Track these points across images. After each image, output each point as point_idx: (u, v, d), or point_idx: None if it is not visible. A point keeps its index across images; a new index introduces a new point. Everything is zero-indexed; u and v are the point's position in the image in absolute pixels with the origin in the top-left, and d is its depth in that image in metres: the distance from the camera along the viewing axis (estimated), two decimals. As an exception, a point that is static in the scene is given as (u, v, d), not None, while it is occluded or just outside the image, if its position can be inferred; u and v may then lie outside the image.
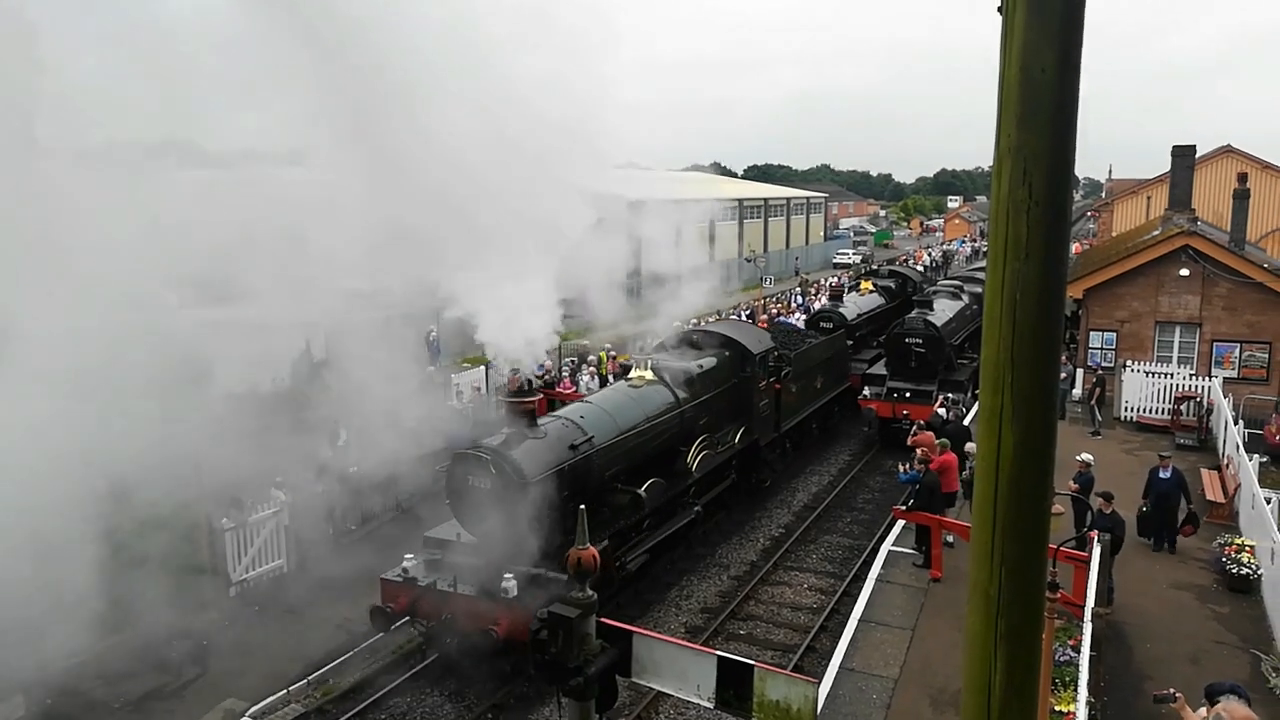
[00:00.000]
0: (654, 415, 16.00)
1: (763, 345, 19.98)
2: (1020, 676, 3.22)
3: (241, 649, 14.17)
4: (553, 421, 14.30)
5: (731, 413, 18.68)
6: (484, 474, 12.78)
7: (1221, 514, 17.65)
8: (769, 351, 20.01)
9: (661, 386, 16.71)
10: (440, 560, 13.34)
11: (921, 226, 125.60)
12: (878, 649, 13.25)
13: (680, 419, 16.71)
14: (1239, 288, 25.12)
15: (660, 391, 16.60)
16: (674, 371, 17.23)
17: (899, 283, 32.88)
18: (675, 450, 16.69)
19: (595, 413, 15.08)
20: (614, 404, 15.68)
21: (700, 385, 17.60)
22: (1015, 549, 3.13)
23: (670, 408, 16.50)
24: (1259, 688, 11.68)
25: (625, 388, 16.55)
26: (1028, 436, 3.05)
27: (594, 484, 14.23)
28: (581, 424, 14.40)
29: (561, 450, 13.66)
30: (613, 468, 14.82)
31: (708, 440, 17.46)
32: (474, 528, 13.04)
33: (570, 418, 14.56)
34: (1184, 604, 14.51)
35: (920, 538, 16.15)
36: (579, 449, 13.91)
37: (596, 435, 14.41)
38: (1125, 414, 24.84)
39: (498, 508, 12.50)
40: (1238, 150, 40.01)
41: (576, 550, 5.58)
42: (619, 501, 14.92)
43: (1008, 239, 2.96)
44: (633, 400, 15.95)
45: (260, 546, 16.28)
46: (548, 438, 13.71)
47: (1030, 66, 2.87)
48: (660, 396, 16.49)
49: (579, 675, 5.45)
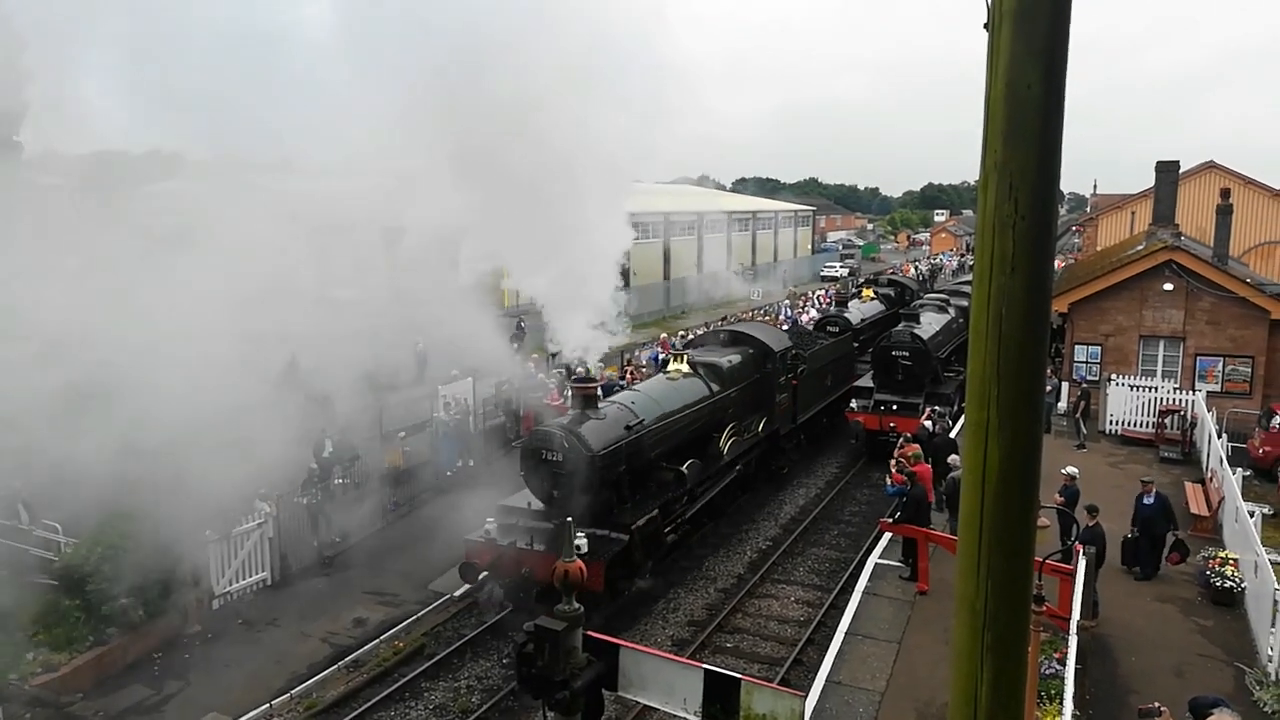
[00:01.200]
0: (692, 403, 17.79)
1: (782, 344, 21.74)
2: (1006, 689, 3.22)
3: (224, 662, 14.04)
4: (610, 405, 16.10)
5: (755, 404, 20.33)
6: (557, 448, 14.67)
7: (1205, 528, 17.74)
8: (787, 350, 21.72)
9: (696, 379, 18.48)
10: (514, 525, 15.10)
11: (908, 240, 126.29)
12: (864, 662, 13.23)
13: (713, 408, 18.46)
14: (1222, 302, 25.34)
15: (696, 383, 18.36)
16: (707, 366, 19.04)
17: (897, 291, 35.36)
18: (709, 435, 18.38)
19: (644, 399, 16.87)
20: (659, 392, 17.48)
21: (729, 378, 19.30)
22: (1001, 562, 3.14)
23: (705, 398, 18.27)
24: (1243, 701, 11.72)
25: (664, 379, 18.28)
26: (1013, 450, 3.07)
27: (643, 461, 16.08)
28: (634, 408, 16.23)
29: (619, 429, 15.45)
30: (658, 448, 16.59)
31: (736, 428, 19.18)
32: (545, 495, 14.99)
33: (624, 403, 16.38)
34: (1168, 617, 14.56)
35: (907, 550, 16.17)
36: (633, 429, 15.69)
37: (646, 419, 16.21)
38: (1110, 427, 24.98)
39: (568, 476, 14.52)
40: (1221, 166, 40.41)
41: (563, 563, 5.56)
42: (665, 478, 16.76)
43: (994, 254, 2.99)
44: (674, 390, 17.76)
45: (244, 559, 16.12)
46: (607, 419, 15.54)
47: (1016, 83, 2.90)
48: (696, 387, 18.26)
49: (565, 689, 5.43)
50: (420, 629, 15.17)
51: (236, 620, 15.34)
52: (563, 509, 14.27)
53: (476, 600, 15.73)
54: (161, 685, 13.44)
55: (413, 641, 14.71)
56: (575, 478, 14.49)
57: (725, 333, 22.37)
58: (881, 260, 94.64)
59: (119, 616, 13.85)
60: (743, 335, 21.66)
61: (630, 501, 15.88)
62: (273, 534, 16.60)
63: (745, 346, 20.87)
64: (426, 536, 18.49)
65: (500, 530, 15.08)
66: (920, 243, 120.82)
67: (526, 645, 5.53)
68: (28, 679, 12.67)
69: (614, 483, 15.30)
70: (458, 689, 13.58)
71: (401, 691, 13.36)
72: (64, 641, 13.54)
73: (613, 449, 15.06)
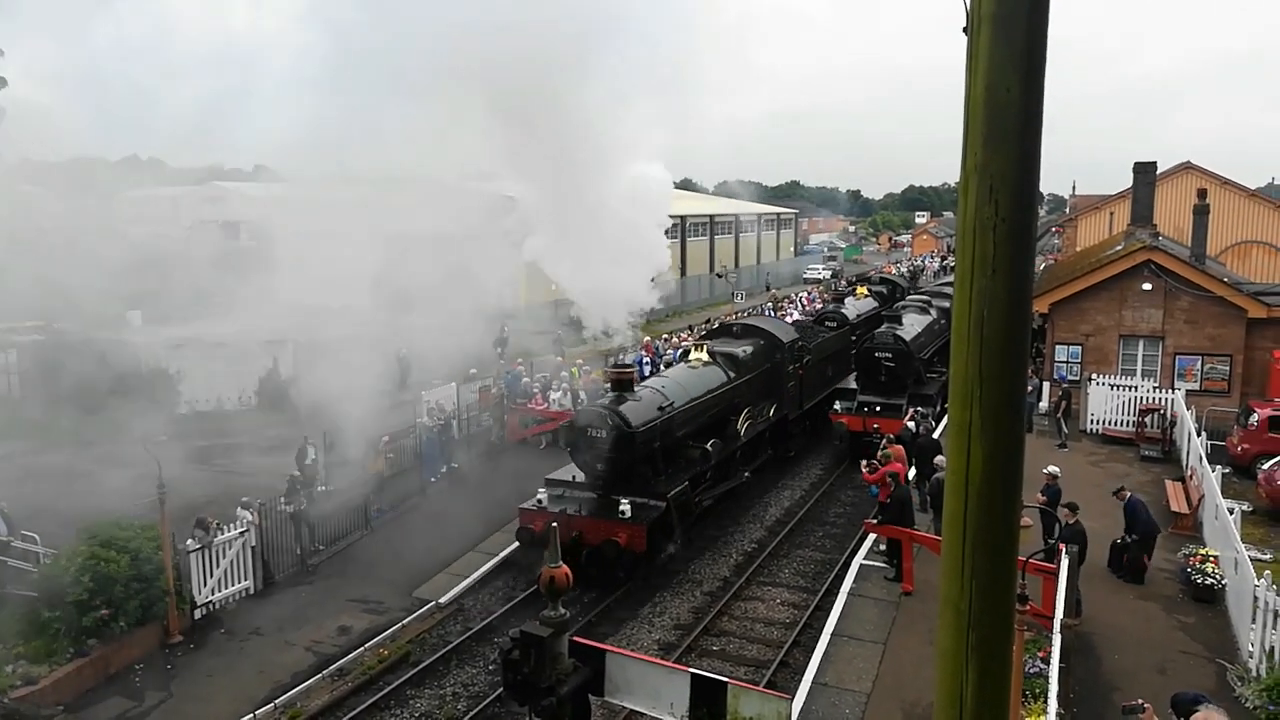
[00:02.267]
0: (713, 389, 19.69)
1: (789, 336, 23.67)
2: (991, 689, 3.23)
3: (206, 672, 13.92)
4: (644, 390, 17.98)
5: (766, 391, 22.18)
6: (602, 425, 16.57)
7: (1185, 525, 17.89)
8: (794, 342, 23.51)
9: (716, 367, 20.37)
10: (561, 495, 17.23)
11: (890, 242, 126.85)
12: (850, 663, 13.27)
13: (732, 393, 20.35)
14: (1200, 302, 25.59)
15: (715, 371, 20.27)
16: (725, 355, 20.98)
17: (889, 288, 37.32)
18: (727, 418, 20.22)
19: (672, 385, 18.78)
20: (684, 378, 19.43)
21: (744, 367, 21.19)
22: (985, 562, 3.15)
23: (724, 384, 20.17)
24: (1225, 697, 11.82)
25: (687, 368, 20.14)
26: (996, 450, 3.08)
27: (673, 439, 17.99)
28: (664, 391, 18.17)
29: (653, 410, 17.34)
30: (685, 428, 18.44)
31: (751, 412, 21.05)
32: (589, 468, 17.04)
33: (655, 387, 18.38)
34: (1151, 615, 14.67)
35: (891, 551, 16.22)
36: (665, 410, 17.58)
37: (676, 401, 18.07)
38: (1091, 426, 25.17)
39: (611, 451, 16.51)
40: (1197, 167, 40.85)
41: (549, 569, 5.54)
42: (692, 454, 18.65)
43: (975, 256, 3.00)
44: (696, 376, 19.67)
45: (226, 567, 15.98)
46: (643, 400, 17.39)
47: (995, 87, 2.92)
48: (716, 374, 20.17)
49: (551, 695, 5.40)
50: (405, 636, 15.08)
51: (219, 630, 15.22)
52: (606, 480, 16.92)
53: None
54: (143, 697, 13.31)
55: (398, 649, 14.63)
56: (617, 452, 16.51)
57: (738, 325, 24.35)
58: (864, 262, 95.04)
59: (99, 628, 13.70)
60: (754, 328, 23.63)
61: (664, 474, 17.64)
62: (255, 542, 16.45)
63: (757, 338, 22.74)
64: (411, 543, 18.42)
65: (550, 500, 17.05)
66: (902, 244, 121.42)
67: (512, 651, 5.50)
68: (7, 692, 12.51)
69: (649, 457, 17.26)
70: (443, 696, 13.51)
71: (387, 700, 13.27)
72: (44, 654, 13.39)
73: (649, 427, 16.96)
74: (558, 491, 17.36)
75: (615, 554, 15.88)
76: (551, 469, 22.10)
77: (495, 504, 20.26)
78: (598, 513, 16.60)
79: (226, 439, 25.05)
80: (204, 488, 20.40)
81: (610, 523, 16.26)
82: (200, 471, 21.90)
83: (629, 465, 16.74)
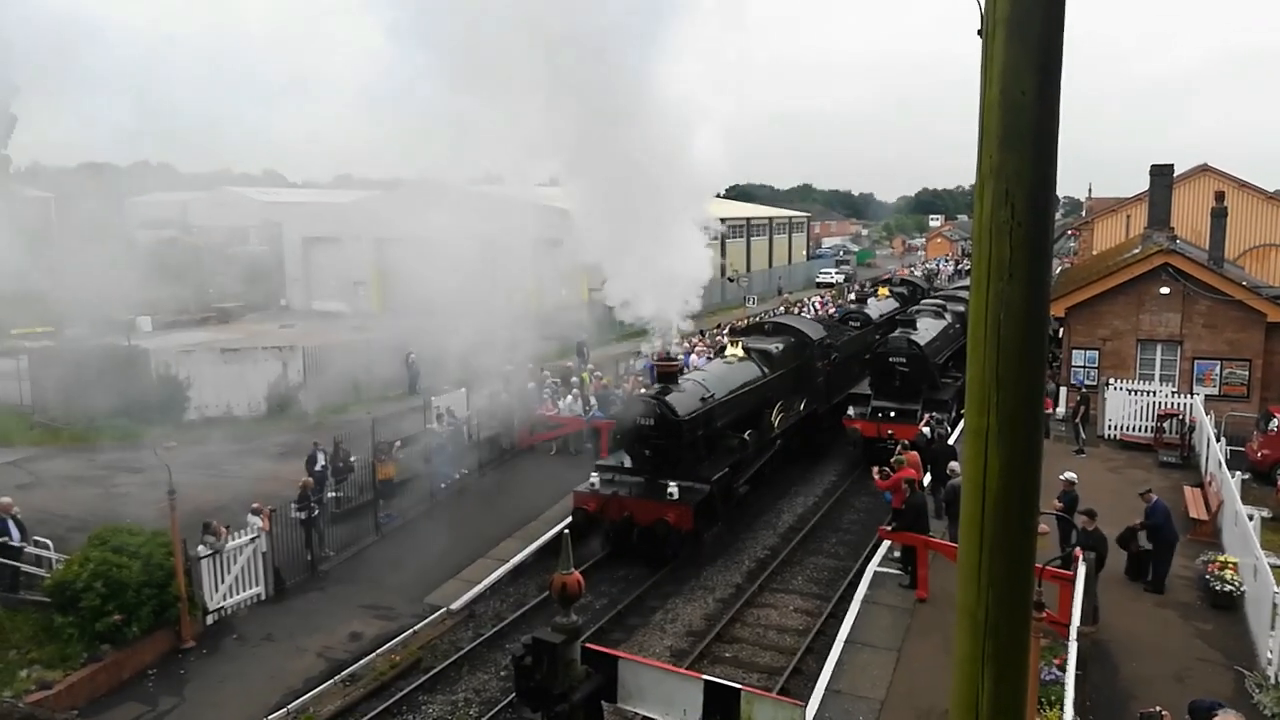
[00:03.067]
0: (749, 383, 21.02)
1: (819, 334, 24.85)
2: (1007, 697, 3.19)
3: (219, 678, 13.94)
4: (687, 382, 19.11)
5: (796, 386, 23.29)
6: (650, 414, 17.94)
7: (1204, 531, 17.71)
8: (823, 339, 24.70)
9: (750, 362, 21.65)
10: (612, 480, 18.45)
11: (904, 245, 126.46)
12: (864, 671, 13.17)
13: (765, 387, 21.63)
14: (1218, 305, 25.36)
15: (750, 366, 21.58)
16: (759, 351, 22.18)
17: (910, 289, 38.64)
18: (761, 411, 21.31)
19: (711, 378, 20.06)
20: (723, 372, 20.76)
21: (778, 363, 22.41)
22: (1002, 569, 3.11)
23: (759, 378, 21.48)
24: (1243, 704, 11.67)
25: (724, 363, 21.35)
26: (1013, 456, 3.04)
27: (714, 429, 19.11)
28: (705, 384, 19.36)
29: (696, 401, 18.61)
30: (724, 418, 19.58)
31: (783, 405, 22.30)
32: (638, 454, 18.43)
33: (697, 380, 19.60)
34: (1168, 622, 14.52)
35: (906, 558, 16.11)
36: (706, 401, 18.83)
37: (716, 394, 19.32)
38: (1109, 432, 24.96)
39: (659, 438, 17.91)
40: (1215, 169, 40.52)
41: (560, 575, 5.51)
42: (731, 443, 19.71)
43: (991, 260, 2.96)
44: (733, 371, 20.98)
45: (238, 573, 16.01)
46: (686, 392, 18.65)
47: (1010, 89, 2.88)
48: (751, 369, 21.52)
49: (564, 702, 5.38)
50: (417, 642, 15.07)
51: (231, 635, 15.24)
52: (653, 465, 18.15)
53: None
54: (156, 702, 13.34)
55: (409, 655, 14.62)
56: (664, 439, 17.86)
57: (769, 323, 26.09)
58: (877, 266, 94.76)
59: (112, 633, 13.75)
60: (785, 326, 25.09)
61: (706, 460, 18.73)
62: (266, 548, 16.49)
63: (788, 335, 23.99)
64: (422, 549, 18.43)
65: (602, 484, 18.31)
66: (915, 248, 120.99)
67: (525, 658, 5.47)
68: (21, 697, 12.56)
69: (693, 444, 18.37)
70: (455, 703, 13.49)
71: (399, 705, 13.26)
72: (58, 659, 13.45)
73: (693, 416, 18.27)
74: (609, 476, 18.56)
75: (665, 532, 17.24)
76: (561, 474, 22.15)
77: (506, 510, 20.27)
78: (647, 495, 17.82)
79: (236, 445, 25.16)
80: (214, 494, 20.49)
81: (660, 504, 17.50)
82: (210, 477, 22.00)
83: (675, 451, 18.00)
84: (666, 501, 17.49)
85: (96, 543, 14.55)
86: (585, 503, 18.06)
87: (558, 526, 18.81)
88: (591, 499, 18.05)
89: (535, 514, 19.92)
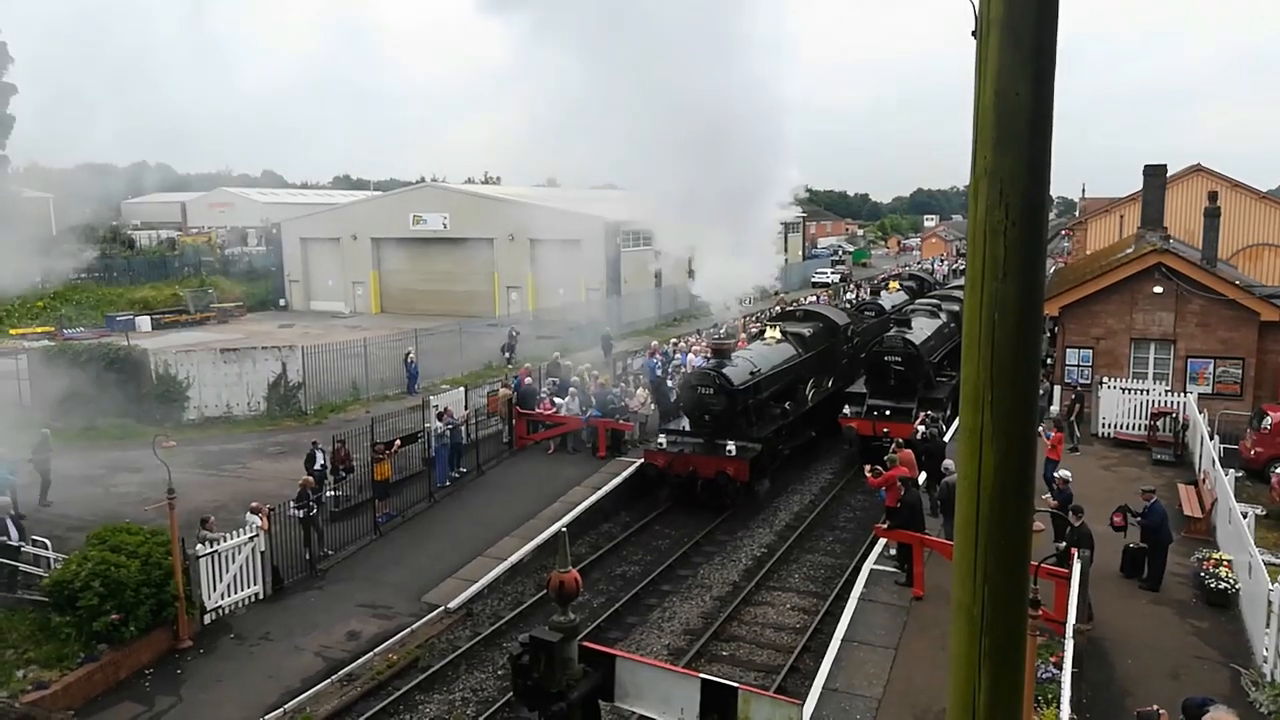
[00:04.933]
0: (787, 361, 24.16)
1: (844, 320, 27.98)
2: (1004, 695, 3.21)
3: (216, 677, 13.94)
4: (737, 358, 22.29)
5: (825, 366, 26.21)
6: (710, 384, 21.24)
7: (1199, 529, 17.77)
8: (848, 325, 27.87)
9: (786, 344, 24.72)
10: (675, 441, 21.74)
11: (899, 246, 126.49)
12: (861, 668, 13.21)
13: (801, 365, 24.72)
14: (1211, 304, 25.43)
15: (787, 347, 24.68)
16: (794, 334, 25.40)
17: (918, 284, 41.43)
18: (797, 386, 24.56)
19: (757, 356, 23.25)
20: (765, 352, 23.84)
21: (810, 344, 25.52)
22: (997, 567, 3.13)
23: (795, 358, 24.58)
24: (1239, 702, 11.72)
25: (764, 344, 24.39)
26: (1009, 455, 3.06)
27: (760, 399, 22.20)
28: (753, 360, 22.64)
29: (747, 373, 21.84)
30: (768, 390, 22.66)
31: (815, 381, 25.50)
32: (698, 418, 21.55)
33: (745, 356, 22.83)
34: (1163, 619, 14.57)
35: (902, 556, 16.15)
36: (755, 374, 22.05)
37: (762, 368, 22.47)
38: (1103, 430, 25.03)
39: (717, 403, 21.05)
40: (1208, 169, 40.62)
41: (558, 574, 5.53)
42: (774, 412, 23.18)
43: (985, 260, 2.99)
44: (774, 351, 24.11)
45: (236, 573, 16.01)
46: (738, 366, 21.86)
47: (1005, 91, 2.91)
48: (788, 350, 24.61)
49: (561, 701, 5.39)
50: (414, 641, 15.09)
51: (229, 635, 15.24)
52: (711, 428, 21.21)
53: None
54: (153, 701, 13.34)
55: (407, 654, 14.63)
56: (722, 404, 20.94)
57: (800, 310, 29.91)
58: (872, 266, 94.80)
59: (110, 633, 13.74)
60: (814, 313, 28.73)
61: (755, 424, 21.71)
62: (264, 547, 16.49)
63: (817, 321, 27.21)
64: (419, 548, 18.45)
65: (669, 443, 21.54)
66: (910, 248, 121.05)
67: (522, 657, 5.49)
68: (18, 696, 12.57)
69: (744, 410, 21.31)
70: (453, 702, 13.52)
71: (396, 705, 13.29)
72: (54, 658, 13.45)
73: (745, 386, 21.37)
74: (673, 438, 21.69)
75: (725, 483, 20.34)
76: (558, 473, 22.18)
77: (504, 508, 20.28)
78: (708, 452, 20.97)
79: (235, 444, 25.15)
80: (213, 492, 20.49)
81: (720, 459, 20.58)
82: (209, 476, 21.99)
83: (730, 415, 20.99)
84: (726, 457, 20.45)
85: (95, 542, 14.54)
86: (654, 459, 21.18)
87: (556, 525, 18.83)
88: (660, 456, 21.18)
89: (533, 512, 19.94)
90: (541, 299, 49.91)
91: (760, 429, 21.75)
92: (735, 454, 20.46)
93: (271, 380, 28.05)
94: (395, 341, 33.16)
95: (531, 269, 50.84)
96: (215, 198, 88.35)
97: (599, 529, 20.45)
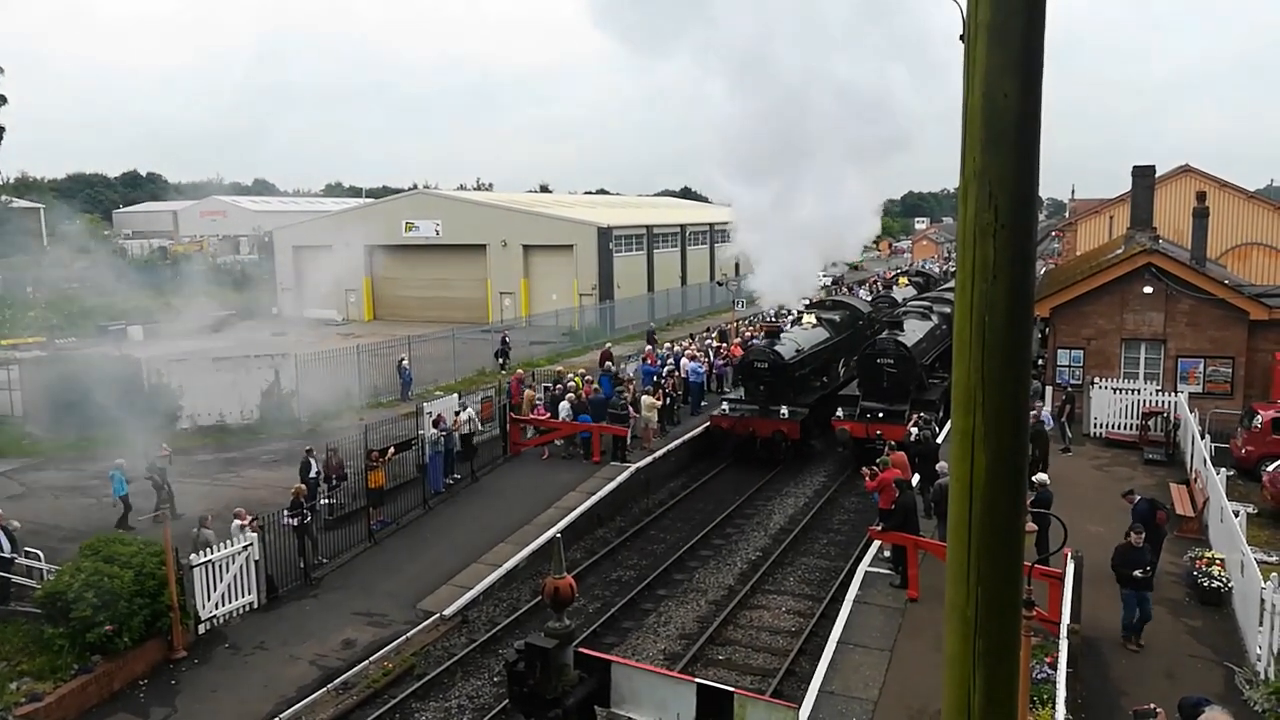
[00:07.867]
0: (822, 341, 28.23)
1: (867, 309, 32.82)
2: (999, 695, 3.22)
3: (211, 687, 13.88)
4: (786, 338, 26.51)
5: (853, 347, 29.34)
6: (765, 358, 25.21)
7: (1191, 528, 17.83)
8: (870, 313, 32.15)
9: (821, 328, 28.68)
10: (734, 409, 25.93)
11: (890, 248, 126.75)
12: (857, 671, 13.21)
13: (833, 347, 28.88)
14: (1201, 304, 25.56)
15: (821, 330, 28.66)
16: (826, 320, 29.39)
17: (924, 280, 45.16)
18: (830, 364, 29.00)
19: (799, 336, 27.40)
20: (803, 334, 27.81)
21: (839, 329, 29.61)
22: (991, 568, 3.14)
23: (829, 338, 28.69)
24: (1233, 700, 11.77)
25: (801, 329, 28.15)
26: (1001, 456, 3.07)
27: (803, 372, 26.31)
28: (796, 340, 26.78)
29: (794, 350, 25.99)
30: (809, 366, 26.85)
31: (845, 360, 29.67)
32: (754, 388, 25.65)
33: (790, 336, 27.01)
34: (1157, 618, 14.57)
35: (896, 558, 16.17)
36: (800, 352, 26.15)
37: (804, 347, 26.70)
38: (1094, 430, 25.12)
39: (771, 375, 25.06)
40: (1196, 170, 40.86)
41: (553, 579, 5.53)
42: (814, 384, 27.45)
43: (975, 262, 3.00)
44: (810, 333, 28.12)
45: (230, 582, 15.93)
46: (786, 344, 25.92)
47: (993, 93, 2.92)
48: (822, 333, 28.61)
49: (557, 707, 5.39)
50: (410, 649, 15.05)
51: (223, 644, 15.17)
52: (765, 397, 25.16)
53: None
54: (148, 713, 13.27)
55: (402, 662, 14.59)
56: (775, 376, 24.97)
57: (829, 300, 34.28)
58: (864, 268, 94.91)
59: (104, 644, 13.66)
60: (841, 302, 33.50)
61: (800, 394, 25.77)
62: (259, 556, 16.42)
63: (844, 309, 31.60)
64: (414, 555, 18.40)
65: (730, 409, 25.88)
66: (902, 250, 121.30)
67: (518, 663, 5.49)
68: (11, 709, 12.48)
69: (792, 381, 25.33)
70: (449, 709, 13.48)
71: (391, 713, 13.25)
72: (48, 670, 13.36)
73: (793, 360, 25.40)
74: (733, 406, 26.01)
75: (781, 439, 24.65)
76: (553, 479, 22.15)
77: (499, 514, 20.25)
78: (764, 415, 25.04)
79: (229, 453, 25.05)
80: (207, 502, 20.39)
81: (775, 421, 24.80)
82: (202, 485, 21.89)
83: (781, 385, 24.93)
84: (780, 419, 24.62)
85: (88, 553, 14.46)
86: (720, 422, 25.71)
87: (550, 530, 18.81)
88: (725, 420, 25.63)
89: (528, 518, 19.92)
90: (534, 305, 49.95)
91: (807, 397, 25.74)
92: (788, 416, 24.53)
93: (265, 388, 27.94)
94: (388, 348, 33.12)
95: (524, 275, 50.88)
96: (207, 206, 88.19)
97: (594, 534, 20.44)
